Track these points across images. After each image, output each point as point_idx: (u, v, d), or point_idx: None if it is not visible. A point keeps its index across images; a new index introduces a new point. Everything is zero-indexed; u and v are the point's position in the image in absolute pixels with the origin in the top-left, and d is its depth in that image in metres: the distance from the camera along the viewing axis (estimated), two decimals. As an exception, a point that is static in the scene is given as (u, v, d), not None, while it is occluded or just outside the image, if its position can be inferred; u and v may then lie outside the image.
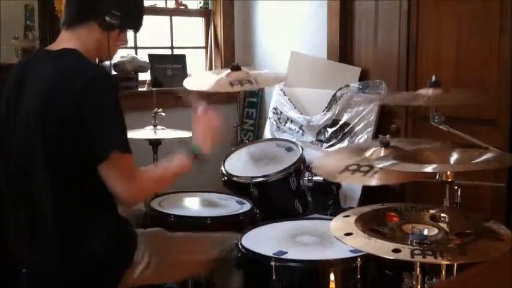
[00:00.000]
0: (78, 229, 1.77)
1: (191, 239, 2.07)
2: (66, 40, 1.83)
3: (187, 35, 4.00)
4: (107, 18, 1.81)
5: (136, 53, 3.61)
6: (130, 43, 3.60)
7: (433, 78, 2.12)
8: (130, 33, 1.98)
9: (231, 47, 4.01)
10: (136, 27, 1.96)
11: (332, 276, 1.82)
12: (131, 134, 2.68)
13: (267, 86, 3.64)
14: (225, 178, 2.69)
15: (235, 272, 1.99)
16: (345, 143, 3.25)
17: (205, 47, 4.03)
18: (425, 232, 1.62)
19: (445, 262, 1.53)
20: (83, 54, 1.79)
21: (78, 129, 1.68)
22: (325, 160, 2.23)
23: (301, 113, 3.52)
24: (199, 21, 4.03)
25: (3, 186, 1.86)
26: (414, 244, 1.53)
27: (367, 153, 2.08)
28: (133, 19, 1.92)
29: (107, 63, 2.01)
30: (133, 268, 1.84)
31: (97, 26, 1.82)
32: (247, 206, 2.45)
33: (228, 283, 2.06)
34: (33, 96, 1.75)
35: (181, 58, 3.70)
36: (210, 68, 4.01)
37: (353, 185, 3.08)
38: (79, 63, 1.76)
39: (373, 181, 1.89)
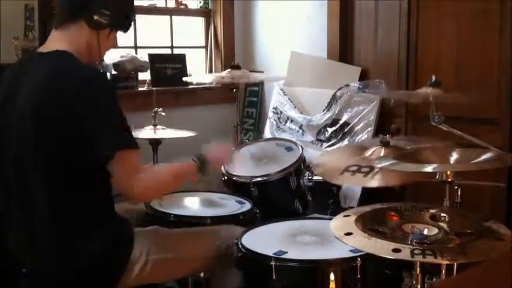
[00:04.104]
0: (76, 229, 1.77)
1: (189, 235, 2.07)
2: (57, 41, 1.83)
3: (187, 35, 4.00)
4: (96, 17, 1.82)
5: (136, 53, 3.60)
6: (131, 43, 3.60)
7: (433, 78, 2.12)
8: (122, 34, 1.98)
9: (231, 47, 4.01)
10: (125, 27, 1.96)
11: (332, 276, 1.81)
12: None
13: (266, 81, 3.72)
14: (225, 178, 2.69)
15: (235, 272, 1.99)
16: (345, 143, 3.25)
17: (205, 47, 4.03)
18: (425, 232, 1.62)
19: (445, 262, 1.53)
20: (74, 56, 1.79)
21: (74, 131, 1.68)
22: (324, 160, 2.23)
23: (301, 113, 3.52)
24: (199, 21, 4.03)
25: (1, 187, 1.86)
26: (414, 244, 1.53)
27: (367, 153, 2.08)
28: (122, 19, 1.92)
29: (103, 63, 2.02)
30: (131, 268, 1.84)
31: (86, 25, 1.83)
32: (247, 206, 2.44)
33: (227, 282, 2.06)
34: (28, 98, 1.75)
35: (181, 58, 3.70)
36: (210, 68, 4.01)
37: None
38: (72, 65, 1.77)
39: (374, 182, 1.89)
